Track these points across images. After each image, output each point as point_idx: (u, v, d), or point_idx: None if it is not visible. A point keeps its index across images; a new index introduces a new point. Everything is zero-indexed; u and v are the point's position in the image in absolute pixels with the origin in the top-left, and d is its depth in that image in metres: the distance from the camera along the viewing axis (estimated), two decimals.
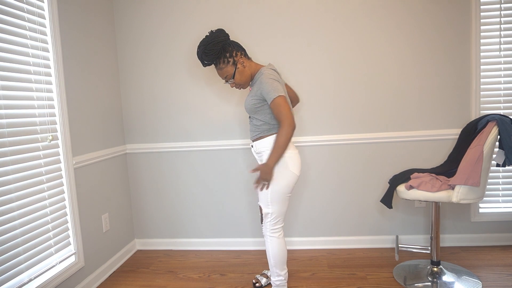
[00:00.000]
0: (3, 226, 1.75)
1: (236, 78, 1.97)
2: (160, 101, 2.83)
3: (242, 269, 2.54)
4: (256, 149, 2.03)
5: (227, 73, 1.96)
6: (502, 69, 2.54)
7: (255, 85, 1.95)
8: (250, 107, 1.96)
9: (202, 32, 2.72)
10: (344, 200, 2.75)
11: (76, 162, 2.25)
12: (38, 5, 2.02)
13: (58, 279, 2.06)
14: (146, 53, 2.80)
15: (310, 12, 2.61)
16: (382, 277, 2.30)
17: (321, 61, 2.64)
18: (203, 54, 1.92)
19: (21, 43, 1.89)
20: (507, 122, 1.95)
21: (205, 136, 2.81)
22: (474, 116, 2.55)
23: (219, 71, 1.97)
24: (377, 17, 2.57)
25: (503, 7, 2.49)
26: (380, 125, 2.65)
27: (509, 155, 1.94)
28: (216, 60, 1.94)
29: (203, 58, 1.93)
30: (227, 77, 1.98)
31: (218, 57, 1.93)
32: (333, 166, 2.72)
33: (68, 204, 2.19)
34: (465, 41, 2.52)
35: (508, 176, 2.61)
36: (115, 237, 2.70)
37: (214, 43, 1.90)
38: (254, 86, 1.95)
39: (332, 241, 2.80)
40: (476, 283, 2.14)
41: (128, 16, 2.79)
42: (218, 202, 2.87)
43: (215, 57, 1.92)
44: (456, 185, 2.00)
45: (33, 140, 1.96)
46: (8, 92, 1.81)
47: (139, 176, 2.94)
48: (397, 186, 2.24)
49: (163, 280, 2.44)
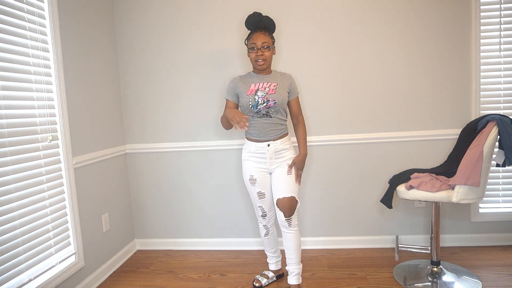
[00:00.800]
0: (3, 226, 1.75)
1: (268, 54, 2.06)
2: (160, 101, 2.83)
3: (242, 269, 2.54)
4: (277, 147, 2.08)
5: (268, 44, 2.04)
6: (502, 69, 2.54)
7: (281, 79, 2.10)
8: (283, 98, 2.07)
9: (202, 32, 2.72)
10: (344, 200, 2.75)
11: (76, 162, 2.25)
12: (38, 5, 2.02)
13: (58, 279, 2.05)
14: (147, 53, 2.80)
15: (313, 14, 2.61)
16: (382, 277, 2.30)
17: (321, 63, 2.64)
18: (269, 20, 2.08)
19: (21, 43, 1.89)
20: (507, 122, 1.95)
21: (205, 137, 2.81)
22: (474, 116, 2.55)
23: (264, 36, 2.04)
24: (377, 17, 2.57)
25: (503, 7, 2.49)
26: (380, 126, 2.65)
27: (509, 155, 1.94)
28: (273, 30, 2.12)
29: (270, 21, 2.08)
30: (265, 45, 2.03)
31: (274, 28, 2.13)
32: (333, 166, 2.72)
33: (68, 204, 2.19)
34: (465, 41, 2.52)
35: (508, 176, 2.61)
36: (115, 237, 2.70)
37: None
38: (281, 81, 2.10)
39: (332, 241, 2.80)
40: (476, 283, 2.14)
41: (128, 16, 2.79)
42: (218, 202, 2.87)
43: (274, 28, 2.12)
44: (456, 185, 1.99)
45: (33, 140, 1.96)
46: (8, 92, 1.81)
47: (139, 176, 2.94)
48: (397, 186, 2.24)
49: (163, 280, 2.44)
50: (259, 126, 2.08)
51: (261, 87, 2.07)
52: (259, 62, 2.05)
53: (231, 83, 2.15)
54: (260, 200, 2.16)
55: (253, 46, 2.04)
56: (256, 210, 2.23)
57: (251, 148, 2.13)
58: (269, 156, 2.09)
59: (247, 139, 2.17)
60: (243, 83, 2.11)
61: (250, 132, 2.13)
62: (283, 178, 2.07)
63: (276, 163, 2.10)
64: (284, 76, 2.13)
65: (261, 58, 2.04)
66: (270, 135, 2.07)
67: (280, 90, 2.06)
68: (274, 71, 2.16)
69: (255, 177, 2.13)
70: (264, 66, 2.06)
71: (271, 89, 2.06)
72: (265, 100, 2.04)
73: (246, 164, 2.16)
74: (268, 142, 2.08)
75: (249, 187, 2.18)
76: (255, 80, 2.10)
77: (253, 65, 2.11)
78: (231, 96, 2.14)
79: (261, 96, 2.05)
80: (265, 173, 2.13)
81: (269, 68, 2.13)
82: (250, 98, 2.06)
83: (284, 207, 2.04)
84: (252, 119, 2.09)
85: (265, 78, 2.10)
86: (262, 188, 2.14)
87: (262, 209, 2.19)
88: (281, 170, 2.09)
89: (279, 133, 2.09)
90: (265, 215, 2.20)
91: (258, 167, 2.12)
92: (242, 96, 2.09)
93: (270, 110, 2.06)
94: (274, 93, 2.05)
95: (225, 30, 2.70)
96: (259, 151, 2.10)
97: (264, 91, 2.05)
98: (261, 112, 2.06)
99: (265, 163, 2.11)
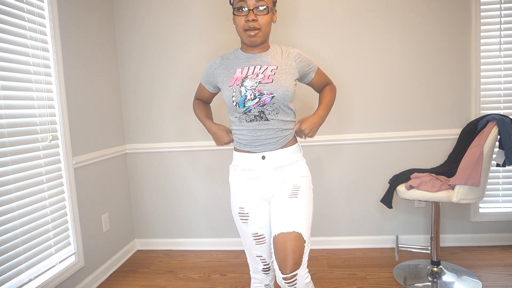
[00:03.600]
0: (3, 226, 1.75)
1: (266, 19, 1.34)
2: (160, 101, 2.83)
3: (242, 269, 2.54)
4: (277, 160, 1.40)
5: (265, 4, 1.32)
6: (502, 69, 2.54)
7: (283, 59, 1.42)
8: (287, 89, 1.36)
9: (202, 31, 2.72)
10: (344, 200, 2.75)
11: (76, 162, 2.25)
12: (38, 5, 2.02)
13: (58, 279, 2.05)
14: (147, 53, 2.80)
15: (313, 11, 2.61)
16: (382, 277, 2.30)
17: (320, 63, 2.64)
18: None
19: (21, 43, 1.89)
20: (507, 122, 1.95)
21: (205, 136, 2.81)
22: (474, 116, 2.55)
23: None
24: (377, 17, 2.57)
25: (503, 7, 2.49)
26: (380, 126, 2.65)
27: (509, 155, 1.94)
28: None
29: None
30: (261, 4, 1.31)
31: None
32: (333, 166, 2.72)
33: (68, 204, 2.19)
34: (465, 41, 2.52)
35: (508, 176, 2.61)
36: (115, 237, 2.70)
37: None
38: (283, 61, 1.41)
39: (332, 241, 2.80)
40: (476, 283, 2.14)
41: (128, 16, 2.79)
42: (218, 202, 2.87)
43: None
44: (456, 185, 1.99)
45: (33, 140, 1.96)
46: (8, 92, 1.81)
47: (139, 176, 2.94)
48: (397, 186, 2.24)
49: (163, 280, 2.44)
50: (249, 134, 1.39)
51: (252, 73, 1.37)
52: (249, 32, 1.34)
53: (208, 67, 1.51)
54: (258, 246, 1.44)
55: (242, 5, 1.32)
56: (253, 262, 1.48)
57: (239, 163, 1.45)
58: (265, 173, 1.40)
59: (234, 150, 1.49)
60: (224, 69, 1.44)
61: (238, 141, 1.45)
62: (284, 203, 1.36)
63: (278, 184, 1.41)
64: (289, 53, 1.43)
65: (254, 26, 1.32)
66: (266, 146, 1.39)
67: (282, 76, 1.37)
68: (273, 46, 1.46)
69: (246, 210, 1.42)
70: (257, 39, 1.35)
71: (267, 75, 1.36)
72: (257, 94, 1.34)
73: (234, 190, 1.46)
74: (262, 153, 1.40)
75: (240, 226, 1.46)
76: (243, 62, 1.41)
77: (241, 38, 1.39)
78: (207, 84, 1.54)
79: (251, 88, 1.35)
80: (262, 202, 1.43)
81: (266, 43, 1.43)
82: (233, 91, 1.37)
83: (282, 251, 1.27)
84: (239, 124, 1.41)
85: (258, 59, 1.40)
86: (259, 226, 1.43)
87: (262, 260, 1.45)
88: (283, 193, 1.39)
89: (282, 141, 1.40)
90: (268, 268, 1.47)
91: (250, 194, 1.43)
92: (223, 88, 1.42)
93: (266, 110, 1.36)
94: (272, 81, 1.35)
95: (225, 30, 2.70)
96: (250, 167, 1.42)
97: (255, 80, 1.36)
98: (252, 113, 1.37)
99: (260, 185, 1.41)
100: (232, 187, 1.48)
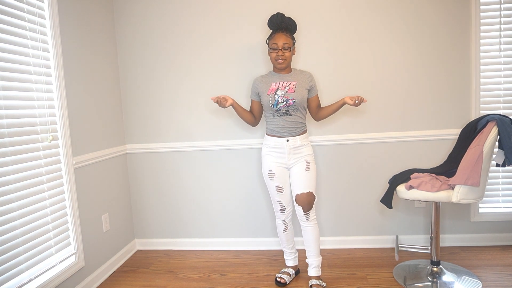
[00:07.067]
0: (3, 226, 1.75)
1: (289, 54, 2.15)
2: (160, 101, 2.83)
3: (242, 269, 2.54)
4: (295, 143, 2.17)
5: (288, 45, 2.13)
6: (502, 69, 2.54)
7: (301, 78, 2.18)
8: (303, 96, 2.15)
9: (202, 31, 2.72)
10: (344, 200, 2.75)
11: (76, 162, 2.25)
12: (38, 5, 2.02)
13: (58, 279, 2.06)
14: (147, 53, 2.81)
15: (311, 14, 2.61)
16: (382, 277, 2.30)
17: (320, 64, 2.64)
18: (291, 21, 2.16)
19: (21, 43, 1.89)
20: (507, 123, 1.95)
21: (205, 136, 2.81)
22: (474, 116, 2.55)
23: (286, 37, 2.12)
24: (376, 17, 2.57)
25: (503, 7, 2.49)
26: (380, 126, 2.65)
27: (509, 155, 1.94)
28: (294, 31, 2.20)
29: (292, 22, 2.16)
30: (286, 46, 2.11)
31: (295, 29, 2.21)
32: (333, 166, 2.72)
33: (68, 204, 2.19)
34: (465, 41, 2.52)
35: (508, 176, 2.61)
36: (115, 237, 2.70)
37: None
38: (300, 79, 2.18)
39: (332, 241, 2.80)
40: (476, 283, 2.14)
41: (128, 16, 2.79)
42: (218, 202, 2.87)
43: (295, 29, 2.20)
44: (456, 185, 2.00)
45: (33, 140, 1.96)
46: (8, 92, 1.81)
47: (139, 176, 2.94)
48: (397, 186, 2.24)
49: (163, 280, 2.44)
50: (279, 124, 2.17)
51: (281, 86, 2.15)
52: (279, 62, 2.14)
53: (253, 83, 2.28)
54: (278, 194, 2.23)
55: (275, 46, 2.13)
56: (275, 204, 2.28)
57: (270, 143, 2.21)
58: (288, 151, 2.17)
59: (267, 135, 2.26)
60: (264, 83, 2.21)
61: (271, 129, 2.22)
62: (301, 174, 2.15)
63: (295, 158, 2.18)
64: (304, 74, 2.21)
65: (281, 58, 2.13)
66: (289, 132, 2.16)
67: (300, 88, 2.15)
68: (294, 69, 2.24)
69: (273, 171, 2.20)
70: (283, 65, 2.16)
71: (291, 88, 2.14)
72: (285, 99, 2.12)
73: (265, 159, 2.24)
74: (287, 138, 2.16)
75: (268, 181, 2.24)
76: (275, 79, 2.19)
77: (273, 64, 2.20)
78: (254, 96, 2.28)
79: (281, 95, 2.13)
80: (284, 168, 2.21)
81: (289, 67, 2.21)
82: (270, 97, 2.16)
83: (303, 202, 2.13)
84: (273, 118, 2.19)
85: (285, 77, 2.19)
86: (281, 182, 2.21)
87: (280, 203, 2.24)
88: (300, 166, 2.16)
89: (299, 130, 2.19)
90: (284, 209, 2.25)
91: (276, 162, 2.20)
92: (263, 95, 2.19)
93: (290, 109, 2.14)
94: (294, 92, 2.13)
95: (224, 31, 2.70)
96: (278, 146, 2.18)
97: (283, 90, 2.14)
98: (281, 110, 2.15)
99: (283, 157, 2.19)
100: (264, 158, 2.25)
